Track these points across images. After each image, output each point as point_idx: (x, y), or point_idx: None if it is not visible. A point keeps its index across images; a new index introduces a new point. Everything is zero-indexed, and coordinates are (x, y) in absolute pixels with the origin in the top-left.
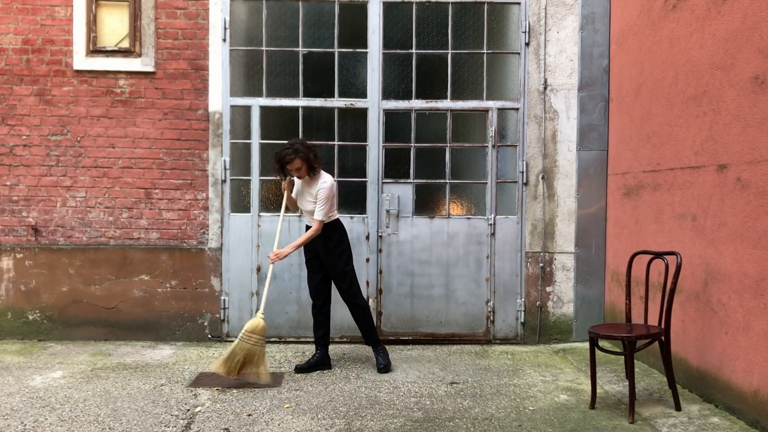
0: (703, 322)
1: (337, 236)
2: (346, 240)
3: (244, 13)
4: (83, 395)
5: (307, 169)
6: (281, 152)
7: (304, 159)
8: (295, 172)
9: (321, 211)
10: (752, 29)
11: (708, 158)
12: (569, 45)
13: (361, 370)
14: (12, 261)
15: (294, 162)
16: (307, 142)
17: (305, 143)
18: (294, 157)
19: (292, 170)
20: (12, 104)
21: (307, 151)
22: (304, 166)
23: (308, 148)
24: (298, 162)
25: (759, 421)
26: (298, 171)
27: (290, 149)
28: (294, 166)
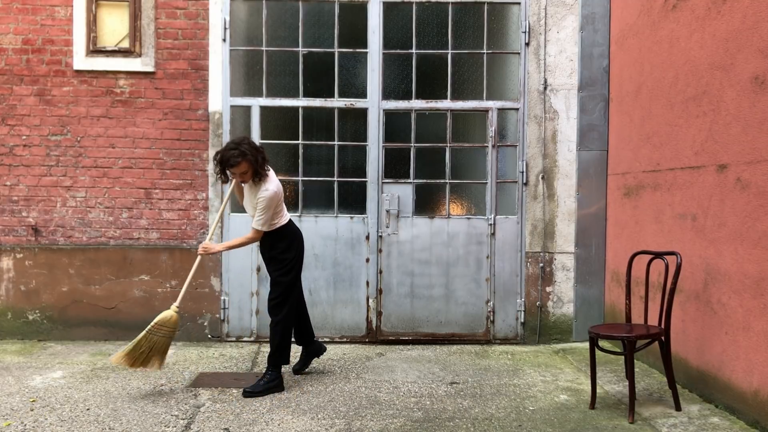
0: (703, 322)
1: (283, 245)
2: (294, 249)
3: (244, 13)
4: (83, 395)
5: (252, 174)
6: (225, 153)
7: (251, 163)
8: (239, 176)
9: (259, 220)
10: (752, 29)
11: (708, 158)
12: (569, 45)
13: (361, 370)
14: (12, 261)
15: (240, 165)
16: (254, 143)
17: (253, 144)
18: (240, 160)
19: (236, 174)
20: (12, 104)
21: (255, 154)
22: (250, 170)
23: (257, 151)
24: (244, 166)
25: (759, 421)
26: (242, 176)
27: (236, 150)
28: (239, 170)
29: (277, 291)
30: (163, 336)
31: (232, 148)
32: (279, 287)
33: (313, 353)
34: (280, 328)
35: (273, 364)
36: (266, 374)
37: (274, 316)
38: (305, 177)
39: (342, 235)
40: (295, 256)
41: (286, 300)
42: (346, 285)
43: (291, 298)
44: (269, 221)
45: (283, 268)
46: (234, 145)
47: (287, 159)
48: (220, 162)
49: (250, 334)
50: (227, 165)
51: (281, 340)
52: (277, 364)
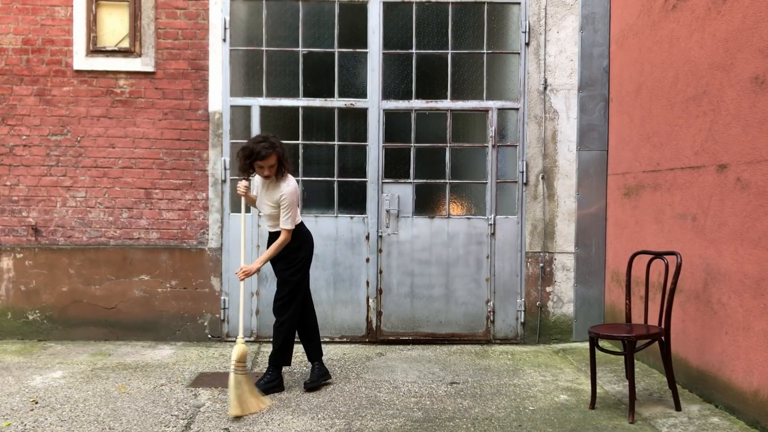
0: (703, 322)
1: (294, 244)
2: (305, 249)
3: (244, 13)
4: (83, 395)
5: (277, 169)
6: (254, 146)
7: (279, 156)
8: (266, 169)
9: (288, 219)
10: (752, 29)
11: (708, 158)
12: (569, 45)
13: (361, 370)
14: (12, 261)
15: (269, 158)
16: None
17: (278, 139)
18: (271, 152)
19: (263, 168)
20: (12, 104)
21: (282, 149)
22: (276, 164)
23: (282, 146)
24: (273, 158)
25: (759, 421)
26: (269, 169)
27: (266, 143)
28: (268, 163)
29: (284, 290)
30: (243, 373)
31: (261, 141)
32: (287, 286)
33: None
34: (285, 329)
35: (274, 364)
36: (267, 374)
37: (279, 316)
38: (305, 177)
39: (342, 235)
40: (305, 256)
41: (293, 300)
42: (346, 285)
43: (297, 298)
44: (295, 219)
45: (292, 267)
46: (262, 138)
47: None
48: (249, 155)
49: (251, 334)
50: (257, 157)
51: (284, 341)
52: (278, 365)
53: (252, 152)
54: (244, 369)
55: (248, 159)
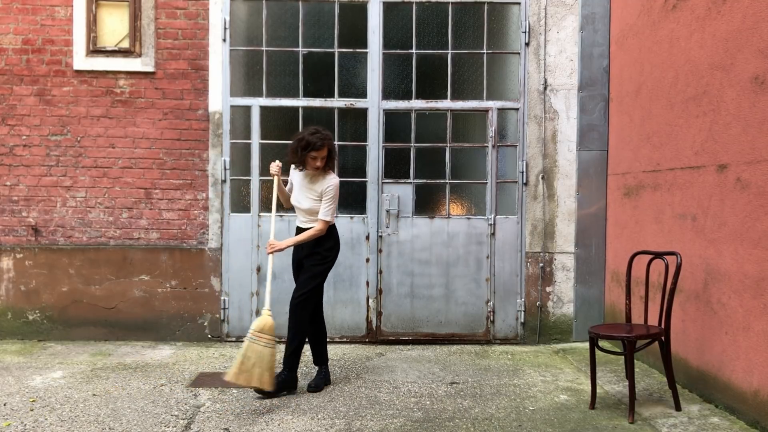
0: (703, 322)
1: (330, 243)
2: (336, 251)
3: (244, 13)
4: (83, 395)
5: (326, 162)
6: (309, 137)
7: (330, 150)
8: (318, 161)
9: (328, 210)
10: (752, 29)
11: (708, 158)
12: (569, 45)
13: (361, 370)
14: (12, 261)
15: (322, 150)
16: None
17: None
18: (325, 143)
19: (316, 158)
20: (12, 104)
21: (333, 142)
22: (327, 157)
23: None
24: (326, 150)
25: (759, 421)
26: (322, 161)
27: (320, 134)
28: (321, 154)
29: (309, 285)
30: (266, 346)
31: (315, 132)
32: (313, 281)
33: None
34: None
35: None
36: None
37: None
38: None
39: (342, 235)
40: (335, 256)
41: (312, 297)
42: (346, 285)
43: (317, 296)
44: (334, 213)
45: (323, 264)
46: (315, 129)
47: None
48: (305, 145)
49: None
50: (312, 148)
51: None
52: (293, 367)
53: (308, 143)
54: (270, 341)
55: (304, 150)
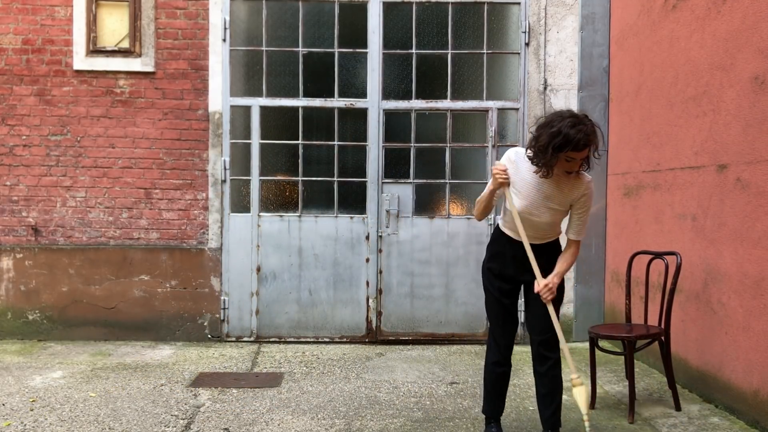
0: (703, 322)
1: None
2: None
3: (244, 13)
4: (83, 395)
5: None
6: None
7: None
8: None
9: (584, 226)
10: (752, 29)
11: (708, 158)
12: (569, 45)
13: (361, 370)
14: (12, 261)
15: (585, 150)
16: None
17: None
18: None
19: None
20: (12, 104)
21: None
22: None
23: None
24: (587, 150)
25: (759, 421)
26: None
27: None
28: (583, 155)
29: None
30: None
31: (579, 123)
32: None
33: None
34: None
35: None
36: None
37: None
38: (305, 177)
39: (342, 235)
40: None
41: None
42: (346, 285)
43: None
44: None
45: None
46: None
47: (287, 159)
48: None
49: (250, 334)
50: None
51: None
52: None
53: (567, 139)
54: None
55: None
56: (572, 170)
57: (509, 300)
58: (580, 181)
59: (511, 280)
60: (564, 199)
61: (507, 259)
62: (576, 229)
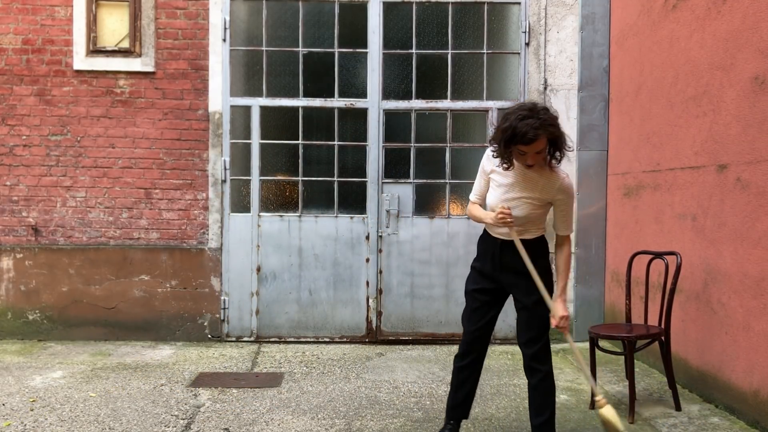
0: (703, 322)
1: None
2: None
3: (244, 13)
4: (83, 395)
5: (547, 155)
6: (518, 124)
7: (553, 139)
8: (529, 157)
9: (569, 220)
10: (752, 29)
11: (708, 158)
12: (569, 45)
13: (361, 370)
14: (12, 261)
15: (538, 142)
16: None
17: (549, 111)
18: (541, 133)
19: (526, 155)
20: (12, 104)
21: (557, 127)
22: (546, 149)
23: (556, 122)
24: (542, 142)
25: (759, 421)
26: (534, 157)
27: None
28: (535, 149)
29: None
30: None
31: (527, 116)
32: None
33: None
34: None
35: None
36: None
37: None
38: (305, 177)
39: (342, 235)
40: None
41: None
42: (346, 285)
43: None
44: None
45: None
46: (528, 110)
47: (287, 159)
48: (508, 138)
49: (250, 334)
50: (521, 140)
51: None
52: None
53: (513, 134)
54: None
55: (508, 142)
56: (528, 164)
57: (484, 297)
58: (553, 176)
59: (490, 278)
60: (539, 193)
61: (488, 256)
62: (562, 225)
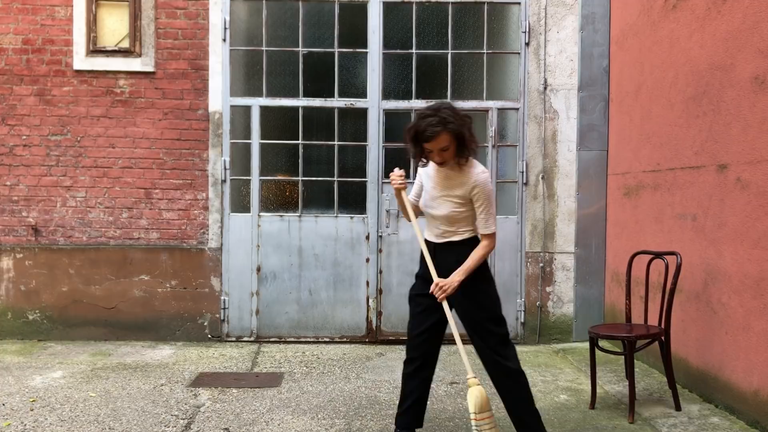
0: (703, 322)
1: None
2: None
3: (244, 13)
4: (83, 395)
5: (455, 151)
6: (419, 123)
7: (455, 135)
8: (436, 155)
9: (487, 219)
10: (752, 29)
11: (708, 158)
12: (569, 45)
13: (361, 370)
14: (12, 261)
15: (438, 139)
16: (460, 110)
17: (455, 109)
18: (440, 130)
19: (433, 153)
20: (12, 104)
21: (460, 123)
22: (453, 146)
23: (461, 118)
24: (444, 139)
25: (759, 421)
26: (441, 154)
27: (434, 118)
28: (437, 146)
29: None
30: (491, 426)
31: (428, 115)
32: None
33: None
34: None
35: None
36: None
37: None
38: (305, 177)
39: (342, 235)
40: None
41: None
42: (346, 285)
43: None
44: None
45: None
46: (431, 110)
47: (287, 159)
48: (412, 136)
49: (250, 334)
50: (421, 137)
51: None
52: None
53: (416, 131)
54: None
55: (415, 142)
56: (436, 161)
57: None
58: (470, 172)
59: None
60: (458, 190)
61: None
62: (480, 222)
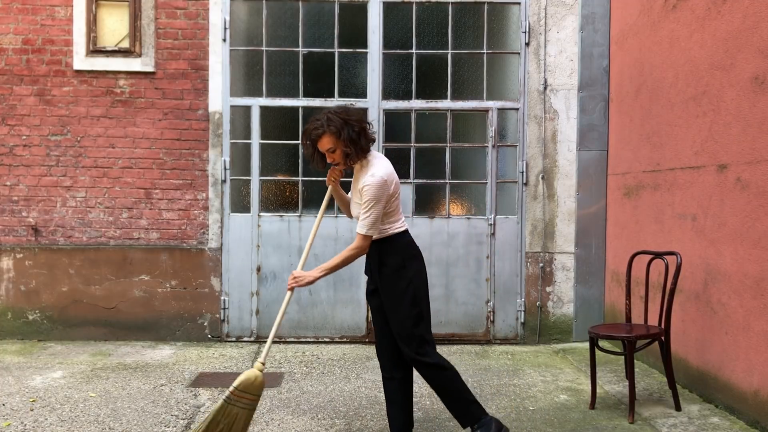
0: (703, 322)
1: (396, 260)
2: (413, 266)
3: (244, 13)
4: (83, 395)
5: (342, 154)
6: (307, 125)
7: (338, 137)
8: (328, 156)
9: (365, 220)
10: (752, 29)
11: (708, 158)
12: (569, 45)
13: (361, 370)
14: (12, 261)
15: (322, 140)
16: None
17: (345, 111)
18: (321, 132)
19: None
20: (12, 104)
21: (341, 125)
22: (339, 147)
23: (344, 121)
24: (326, 140)
25: (759, 421)
26: (330, 155)
27: (319, 121)
28: (323, 147)
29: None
30: (245, 407)
31: (317, 118)
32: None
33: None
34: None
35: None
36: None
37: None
38: (305, 177)
39: (342, 235)
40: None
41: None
42: (346, 285)
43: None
44: (379, 222)
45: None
46: (322, 113)
47: (287, 159)
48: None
49: (250, 334)
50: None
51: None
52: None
53: (304, 134)
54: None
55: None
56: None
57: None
58: (365, 172)
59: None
60: (357, 191)
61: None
62: (360, 221)
